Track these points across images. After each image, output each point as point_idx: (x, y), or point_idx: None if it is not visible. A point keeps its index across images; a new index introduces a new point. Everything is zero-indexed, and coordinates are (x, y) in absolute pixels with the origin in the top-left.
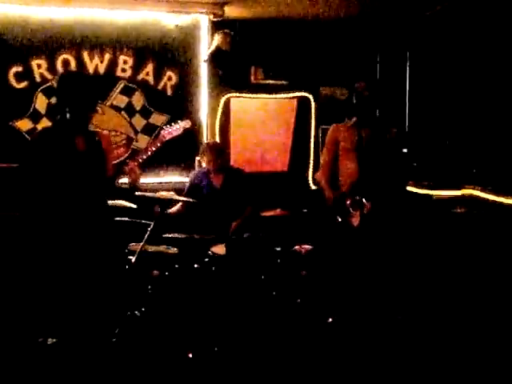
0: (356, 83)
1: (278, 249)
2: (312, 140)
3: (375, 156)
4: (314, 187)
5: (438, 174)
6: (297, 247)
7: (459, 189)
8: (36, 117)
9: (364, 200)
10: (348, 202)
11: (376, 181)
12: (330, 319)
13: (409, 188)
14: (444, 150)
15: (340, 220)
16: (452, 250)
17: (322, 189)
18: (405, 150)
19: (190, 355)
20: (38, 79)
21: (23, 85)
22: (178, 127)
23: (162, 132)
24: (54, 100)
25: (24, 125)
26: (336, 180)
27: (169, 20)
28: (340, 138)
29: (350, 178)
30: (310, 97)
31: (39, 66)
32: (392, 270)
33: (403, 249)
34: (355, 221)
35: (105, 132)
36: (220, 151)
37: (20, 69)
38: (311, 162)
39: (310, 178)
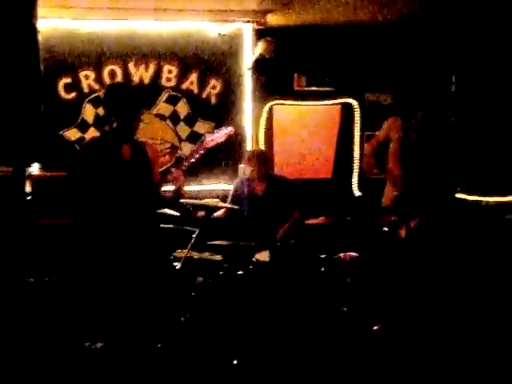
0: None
1: (323, 256)
2: (356, 146)
3: (420, 163)
4: (358, 194)
5: (489, 179)
6: (341, 255)
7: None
8: (84, 126)
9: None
10: (394, 217)
11: (422, 192)
12: (376, 327)
13: (458, 195)
14: (494, 156)
15: (387, 230)
16: (504, 257)
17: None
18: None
19: (235, 362)
20: (85, 90)
21: (72, 96)
22: (221, 134)
23: (205, 139)
24: (101, 110)
25: (72, 134)
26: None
27: (212, 29)
28: (391, 136)
29: (397, 189)
30: (355, 103)
31: (87, 77)
32: (440, 278)
33: (453, 257)
34: (402, 233)
35: (150, 141)
36: (264, 159)
37: (69, 80)
38: (355, 168)
39: (355, 185)
